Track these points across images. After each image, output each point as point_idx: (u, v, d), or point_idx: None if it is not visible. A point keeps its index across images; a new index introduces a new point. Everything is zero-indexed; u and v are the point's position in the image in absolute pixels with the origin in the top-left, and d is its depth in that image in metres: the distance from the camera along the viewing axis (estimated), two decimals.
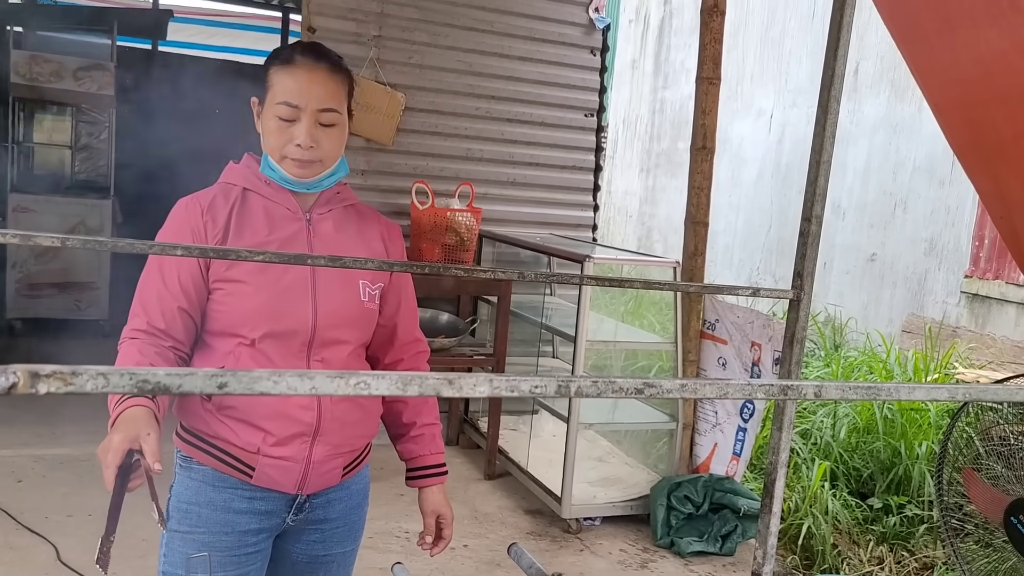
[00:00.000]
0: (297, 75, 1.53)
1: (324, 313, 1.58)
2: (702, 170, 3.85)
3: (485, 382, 0.66)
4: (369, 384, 0.63)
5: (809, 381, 0.77)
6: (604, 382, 0.70)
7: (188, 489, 1.59)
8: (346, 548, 1.74)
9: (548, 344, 4.94)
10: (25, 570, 2.98)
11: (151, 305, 1.53)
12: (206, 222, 1.54)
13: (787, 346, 1.54)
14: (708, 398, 0.71)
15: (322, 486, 1.64)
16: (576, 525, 3.73)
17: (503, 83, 4.74)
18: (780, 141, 8.50)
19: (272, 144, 1.56)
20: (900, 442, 4.38)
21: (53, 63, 5.92)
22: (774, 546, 1.63)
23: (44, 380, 0.54)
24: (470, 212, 4.12)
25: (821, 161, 1.50)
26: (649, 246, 10.48)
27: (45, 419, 4.38)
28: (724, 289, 1.56)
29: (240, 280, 1.53)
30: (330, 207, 1.65)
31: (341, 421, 1.60)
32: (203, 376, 0.58)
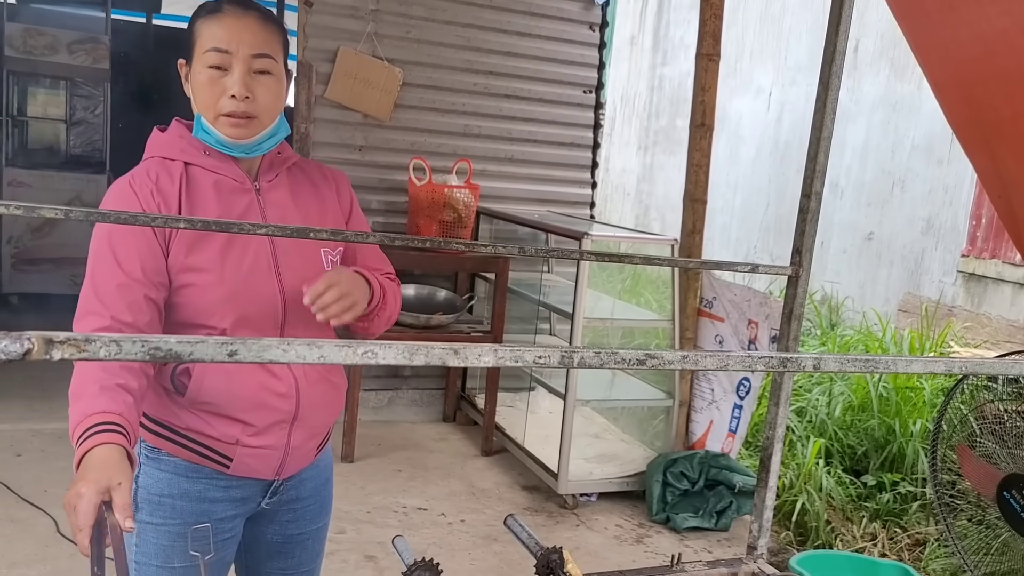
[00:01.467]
0: (225, 21, 1.42)
1: (291, 291, 1.50)
2: (701, 147, 3.85)
3: (490, 352, 0.67)
4: (377, 353, 0.64)
5: (808, 354, 0.78)
6: (606, 353, 0.71)
7: (158, 481, 1.52)
8: (319, 524, 1.73)
9: (545, 321, 4.96)
10: (25, 542, 3.00)
11: (111, 297, 1.37)
12: (158, 203, 1.42)
13: (785, 322, 1.56)
14: (708, 370, 0.72)
15: (297, 468, 1.62)
16: (572, 501, 3.76)
17: (501, 58, 4.72)
18: (779, 119, 8.47)
19: (204, 100, 1.43)
20: (895, 420, 4.41)
21: (47, 36, 5.87)
22: (770, 520, 1.65)
23: (58, 346, 0.54)
24: (468, 189, 4.11)
25: (821, 137, 1.51)
26: (647, 224, 10.48)
27: (43, 394, 4.39)
28: (723, 266, 1.57)
29: (202, 268, 1.44)
30: (276, 171, 1.55)
31: (316, 403, 1.57)
32: (213, 344, 0.59)
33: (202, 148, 1.48)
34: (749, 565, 1.61)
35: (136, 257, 1.39)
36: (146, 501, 1.52)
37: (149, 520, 1.52)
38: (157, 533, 1.51)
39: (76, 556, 2.95)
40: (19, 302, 5.90)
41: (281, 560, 1.69)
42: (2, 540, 3.00)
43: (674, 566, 1.56)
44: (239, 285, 1.46)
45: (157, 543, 1.51)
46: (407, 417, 4.68)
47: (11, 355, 0.53)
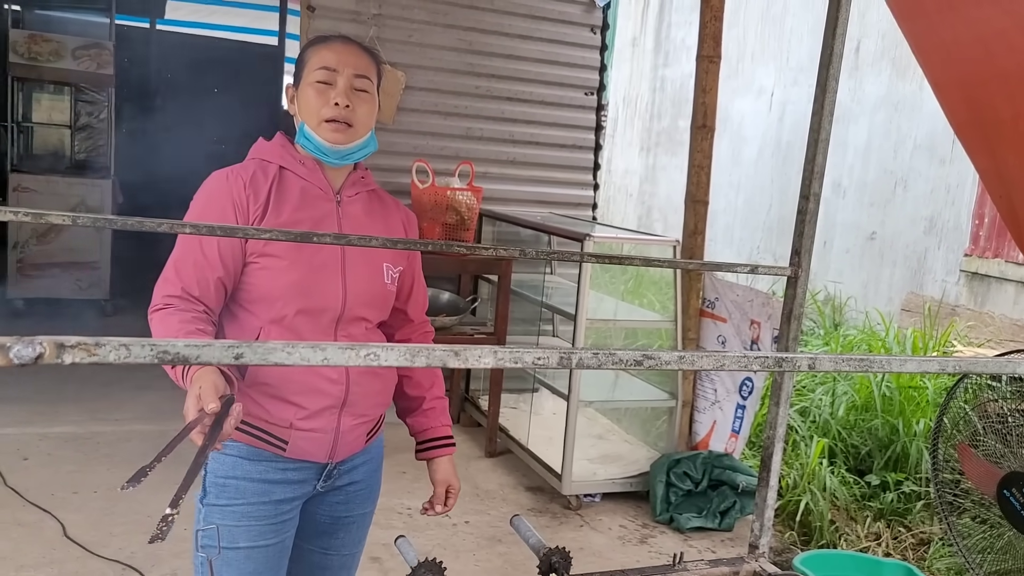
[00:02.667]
0: (334, 47, 1.63)
1: (352, 292, 1.64)
2: (702, 149, 3.86)
3: (489, 354, 0.69)
4: (379, 355, 0.65)
5: (804, 354, 0.79)
6: (604, 354, 0.73)
7: (223, 465, 1.64)
8: (365, 509, 1.83)
9: (548, 323, 4.97)
10: (33, 545, 3.02)
11: (188, 273, 1.55)
12: (248, 195, 1.58)
13: (785, 322, 1.57)
14: (706, 369, 0.73)
15: (349, 453, 1.72)
16: (576, 501, 3.77)
17: (503, 62, 4.74)
18: (781, 119, 8.48)
19: (310, 107, 1.61)
20: (898, 419, 4.42)
21: (52, 42, 5.90)
22: (771, 519, 1.66)
23: (69, 350, 0.56)
24: (470, 191, 4.13)
25: (819, 140, 1.52)
26: (649, 225, 10.49)
27: (48, 398, 4.42)
28: (723, 267, 1.59)
29: (276, 255, 1.58)
30: (356, 190, 1.71)
31: (365, 391, 1.68)
32: (220, 347, 0.61)
33: (298, 158, 1.66)
34: (751, 564, 1.62)
35: (215, 241, 1.55)
36: (212, 484, 1.64)
37: (215, 502, 1.64)
38: (223, 514, 1.63)
39: (85, 559, 2.98)
40: (25, 307, 5.93)
41: (325, 540, 1.80)
42: (9, 543, 3.02)
43: (676, 565, 1.57)
44: (308, 276, 1.59)
45: (222, 524, 1.62)
46: None
47: (24, 359, 0.54)
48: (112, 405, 4.44)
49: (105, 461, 3.77)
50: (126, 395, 4.55)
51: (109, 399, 4.50)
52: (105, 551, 3.01)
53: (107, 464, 3.74)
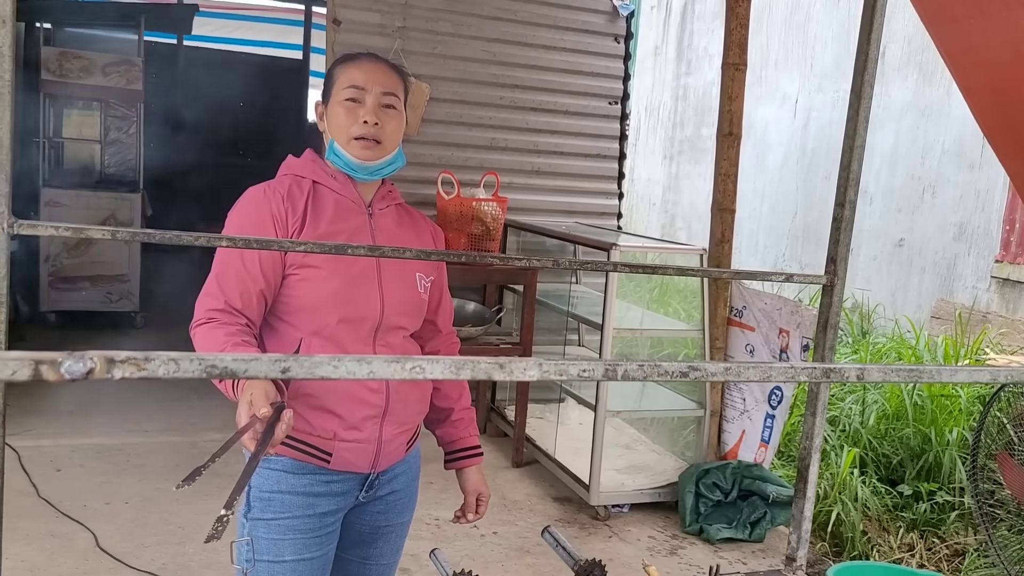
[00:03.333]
0: (362, 66, 1.66)
1: (390, 301, 1.68)
2: (728, 156, 3.84)
3: (535, 366, 0.68)
4: (424, 368, 0.65)
5: (851, 364, 0.78)
6: (650, 365, 0.72)
7: (268, 479, 1.65)
8: (404, 518, 1.85)
9: (574, 332, 4.96)
10: (66, 556, 3.05)
11: (230, 286, 1.58)
12: (287, 209, 1.61)
13: (820, 331, 1.55)
14: (751, 381, 0.72)
15: (391, 462, 1.75)
16: (604, 512, 3.75)
17: (527, 72, 4.75)
18: (805, 126, 8.42)
19: (339, 125, 1.65)
20: (930, 428, 4.36)
21: (82, 59, 5.99)
22: (808, 531, 1.64)
23: (119, 365, 0.56)
24: (495, 201, 4.13)
25: (855, 146, 1.50)
26: (672, 234, 10.44)
27: (80, 410, 4.47)
28: (756, 275, 1.57)
29: (316, 266, 1.61)
30: (386, 203, 1.75)
31: (405, 400, 1.71)
32: (267, 361, 0.60)
33: (330, 172, 1.69)
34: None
35: (255, 254, 1.58)
36: (257, 499, 1.66)
37: (260, 516, 1.65)
38: (268, 528, 1.64)
39: (117, 569, 3.00)
40: (57, 319, 6.01)
41: (364, 549, 1.81)
42: (44, 554, 3.05)
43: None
44: (347, 286, 1.63)
45: (268, 538, 1.63)
46: None
47: (75, 374, 0.54)
48: (142, 417, 4.48)
49: (136, 472, 3.80)
50: (155, 407, 4.59)
51: (139, 411, 4.55)
52: (137, 562, 3.03)
53: (138, 475, 3.77)
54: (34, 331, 5.78)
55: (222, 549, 1.68)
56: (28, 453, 3.85)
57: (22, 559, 2.99)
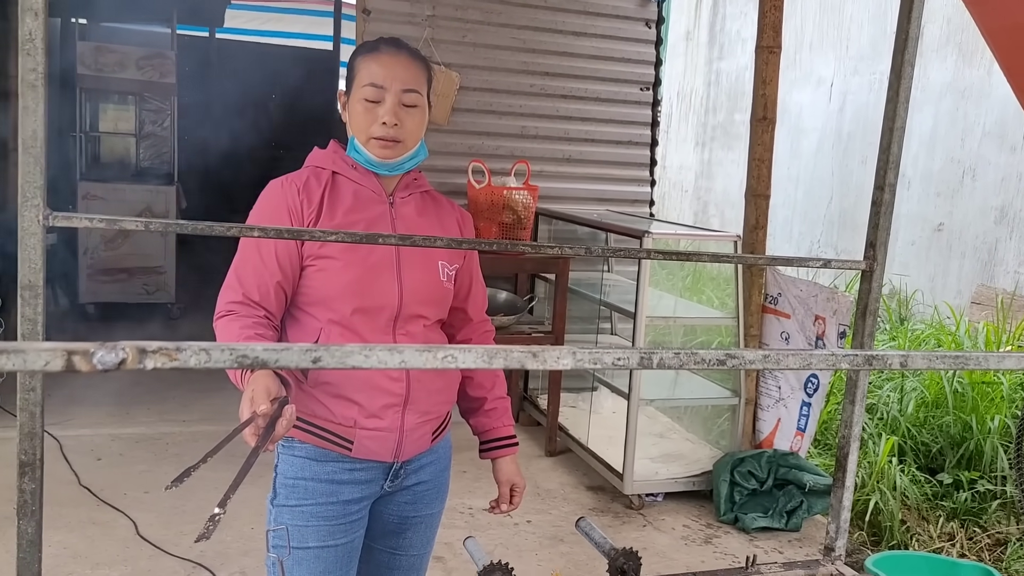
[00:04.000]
0: (382, 60, 1.63)
1: (408, 290, 1.66)
2: (763, 141, 3.78)
3: (568, 355, 0.67)
4: (456, 357, 0.64)
5: (894, 351, 0.76)
6: (686, 353, 0.70)
7: (292, 466, 1.67)
8: (433, 509, 1.84)
9: (606, 321, 4.93)
10: (107, 543, 3.10)
11: (248, 279, 1.60)
12: (302, 201, 1.61)
13: (859, 318, 1.52)
14: (791, 369, 0.71)
15: (415, 452, 1.73)
16: (638, 501, 3.73)
17: (557, 59, 4.71)
18: (841, 110, 8.28)
19: (359, 125, 1.63)
20: (971, 416, 4.27)
21: (117, 53, 6.06)
22: (847, 521, 1.61)
23: (151, 356, 0.56)
24: (526, 190, 4.11)
25: (894, 128, 1.47)
26: (705, 221, 10.34)
27: (119, 400, 4.54)
28: (792, 261, 1.54)
29: (332, 256, 1.61)
30: (409, 191, 1.73)
31: (427, 389, 1.69)
32: (298, 351, 0.60)
33: (351, 164, 1.68)
34: (827, 567, 1.57)
35: (272, 247, 1.60)
36: (282, 485, 1.68)
37: (285, 503, 1.67)
38: (292, 514, 1.66)
39: (157, 556, 3.04)
40: (95, 311, 6.11)
41: (394, 539, 1.81)
42: (85, 541, 3.10)
43: (749, 568, 1.53)
44: (363, 275, 1.62)
45: (293, 524, 1.65)
46: None
47: (107, 365, 0.54)
48: (179, 407, 4.54)
49: (174, 461, 3.85)
50: (193, 397, 4.65)
51: (177, 401, 4.61)
52: (176, 549, 3.08)
53: (176, 464, 3.82)
54: (73, 323, 5.88)
55: (259, 537, 1.70)
56: (69, 442, 3.92)
57: (64, 546, 3.05)
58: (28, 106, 1.03)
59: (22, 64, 1.02)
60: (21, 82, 1.02)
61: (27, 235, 1.05)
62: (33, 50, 1.02)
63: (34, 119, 1.03)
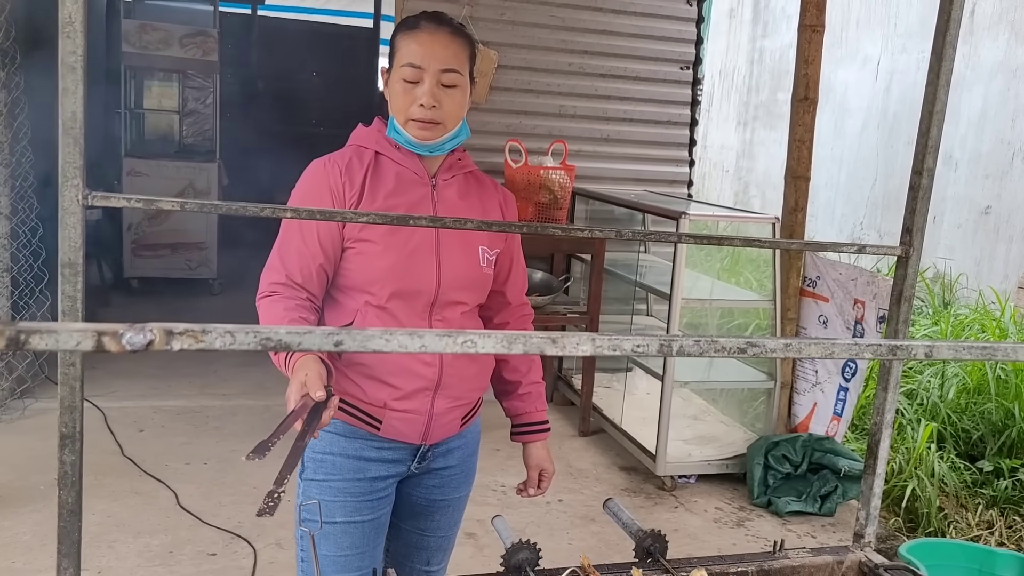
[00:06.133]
0: (420, 38, 1.58)
1: (447, 276, 1.64)
2: (804, 122, 3.72)
3: (587, 341, 0.67)
4: (476, 343, 0.65)
5: (919, 341, 0.75)
6: (706, 341, 0.70)
7: (321, 441, 1.68)
8: (461, 493, 1.85)
9: (642, 302, 4.91)
10: (149, 513, 3.19)
11: (291, 261, 1.60)
12: (344, 182, 1.60)
13: (895, 304, 1.50)
14: (813, 357, 0.70)
15: (443, 436, 1.74)
16: (671, 482, 3.74)
17: (596, 37, 4.67)
18: (887, 89, 8.10)
19: (398, 106, 1.61)
20: (1014, 403, 4.20)
21: (160, 31, 6.14)
22: (878, 507, 1.60)
23: (178, 337, 0.57)
24: (563, 170, 4.10)
25: (934, 111, 1.44)
26: (746, 202, 10.22)
27: (162, 373, 4.64)
28: (827, 246, 1.53)
29: (371, 240, 1.60)
30: (452, 173, 1.71)
31: (460, 375, 1.69)
32: (320, 335, 0.61)
33: (394, 144, 1.66)
34: (856, 554, 1.56)
35: (314, 229, 1.59)
36: (311, 459, 1.69)
37: (313, 477, 1.69)
38: (320, 489, 1.68)
39: (196, 527, 3.12)
40: (139, 286, 6.23)
41: (421, 521, 1.83)
42: (128, 511, 3.19)
43: (776, 552, 1.53)
44: (402, 260, 1.61)
45: (320, 498, 1.67)
46: None
47: (136, 346, 0.56)
48: (219, 380, 4.63)
49: (214, 434, 3.94)
50: (232, 371, 4.74)
51: (217, 375, 4.70)
52: (215, 520, 3.16)
53: (216, 437, 3.91)
54: (117, 297, 6.02)
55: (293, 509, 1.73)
56: (113, 414, 4.02)
57: (108, 514, 3.14)
58: (68, 88, 1.05)
59: (62, 47, 1.04)
60: (61, 64, 1.05)
61: (67, 214, 1.08)
62: (73, 33, 1.04)
63: (74, 101, 1.05)
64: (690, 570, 1.46)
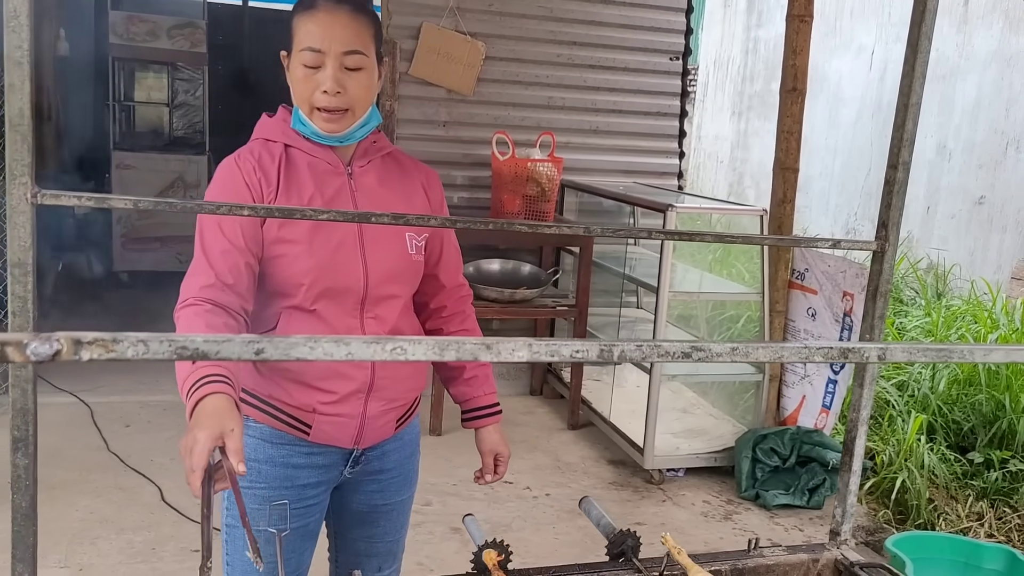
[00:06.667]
0: (319, 18, 1.48)
1: (375, 270, 1.56)
2: (792, 113, 3.70)
3: (524, 347, 0.65)
4: (406, 350, 0.63)
5: (872, 344, 0.73)
6: (648, 346, 0.68)
7: (246, 446, 1.55)
8: (403, 496, 1.78)
9: (632, 295, 4.89)
10: (133, 508, 3.17)
11: (217, 260, 1.48)
12: (259, 179, 1.51)
13: (870, 299, 1.48)
14: (762, 361, 0.68)
15: (377, 439, 1.66)
16: (659, 476, 3.72)
17: (585, 28, 4.63)
18: (882, 78, 8.07)
19: (300, 94, 1.51)
20: (1004, 395, 4.18)
21: (148, 23, 6.10)
22: (854, 504, 1.58)
23: (87, 347, 0.55)
24: (551, 162, 4.07)
25: (909, 104, 1.42)
26: (740, 192, 10.19)
27: (149, 368, 4.61)
28: (801, 241, 1.51)
29: (293, 240, 1.51)
30: (369, 158, 1.61)
31: (393, 376, 1.61)
32: (240, 343, 0.59)
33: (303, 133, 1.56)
34: (832, 552, 1.55)
35: (238, 227, 1.49)
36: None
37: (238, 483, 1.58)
38: (245, 496, 1.57)
39: (180, 523, 3.11)
40: (129, 279, 6.20)
41: (367, 528, 1.76)
42: (112, 506, 3.17)
43: (751, 551, 1.51)
44: (326, 259, 1.52)
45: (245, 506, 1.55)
46: None
47: (41, 356, 0.54)
48: None
49: None
50: None
51: None
52: (199, 516, 3.13)
53: None
54: (107, 291, 5.98)
55: None
56: (100, 409, 4.01)
57: (91, 510, 3.12)
58: (14, 84, 1.02)
59: (7, 41, 1.02)
60: (7, 59, 1.02)
61: (15, 213, 1.06)
62: (18, 27, 1.01)
63: (20, 97, 1.03)
64: (662, 568, 1.45)
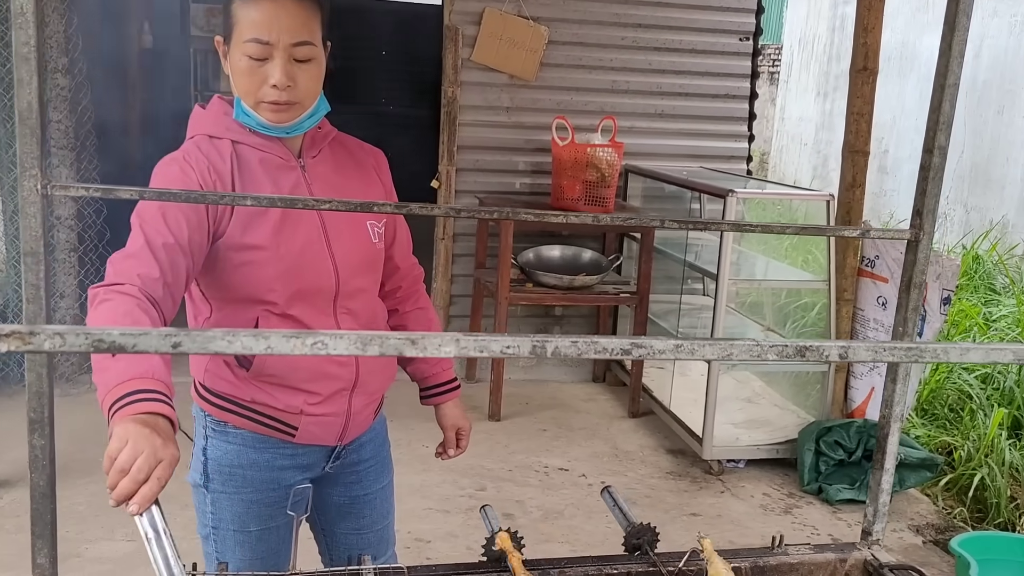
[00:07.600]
0: (263, 6, 1.39)
1: (344, 264, 1.53)
2: (863, 94, 3.55)
3: (451, 342, 0.64)
4: (327, 344, 0.62)
5: (834, 342, 0.70)
6: (584, 342, 0.66)
7: (227, 453, 1.56)
8: (382, 483, 1.77)
9: (698, 281, 4.79)
10: None
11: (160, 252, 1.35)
12: (215, 181, 1.43)
13: (903, 291, 1.41)
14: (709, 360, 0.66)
15: (358, 433, 1.67)
16: (718, 467, 3.65)
17: (651, 9, 4.55)
18: (977, 55, 7.67)
19: (244, 87, 1.42)
20: None
21: None
22: (886, 504, 1.52)
23: (3, 340, 0.57)
24: (611, 147, 4.02)
25: (946, 85, 1.34)
26: (825, 175, 9.86)
27: None
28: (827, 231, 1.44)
29: (258, 246, 1.45)
30: (319, 147, 1.55)
31: (373, 370, 1.61)
32: (157, 336, 0.60)
33: (247, 127, 1.48)
34: (862, 552, 1.49)
35: (185, 227, 1.37)
36: (217, 472, 1.57)
37: (222, 490, 1.57)
38: (231, 501, 1.57)
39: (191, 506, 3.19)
40: None
41: (352, 520, 1.75)
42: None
43: (775, 548, 1.47)
44: (294, 260, 1.47)
45: (232, 511, 1.58)
46: (556, 377, 4.69)
47: None
48: None
49: None
50: None
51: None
52: None
53: None
54: None
55: None
56: None
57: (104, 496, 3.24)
58: (22, 78, 1.06)
59: (15, 37, 1.05)
60: (15, 55, 1.06)
61: (27, 204, 1.10)
62: (25, 23, 1.05)
63: (29, 91, 1.07)
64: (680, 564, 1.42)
